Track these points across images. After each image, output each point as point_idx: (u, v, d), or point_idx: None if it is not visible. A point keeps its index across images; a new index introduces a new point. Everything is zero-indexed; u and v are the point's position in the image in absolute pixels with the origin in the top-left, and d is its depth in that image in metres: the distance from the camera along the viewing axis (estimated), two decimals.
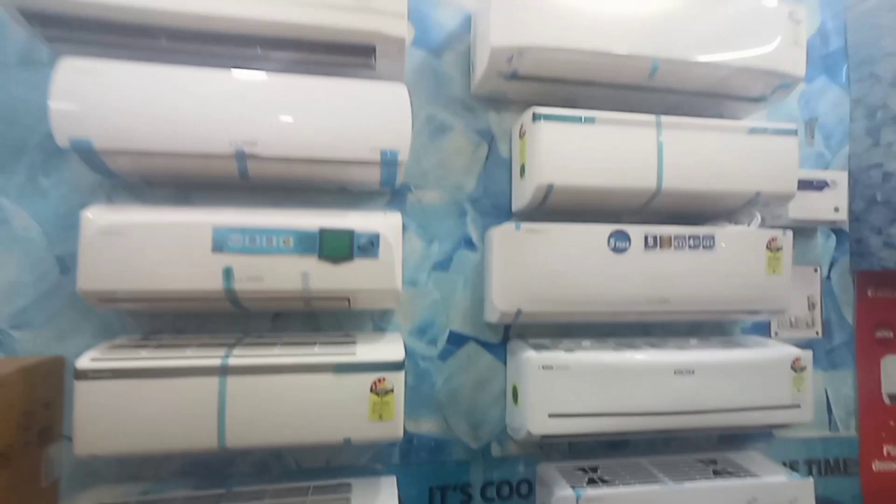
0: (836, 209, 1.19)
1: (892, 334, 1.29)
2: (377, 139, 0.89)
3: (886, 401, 1.28)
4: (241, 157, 0.85)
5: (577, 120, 0.96)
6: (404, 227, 1.06)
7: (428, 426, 1.04)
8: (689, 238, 0.99)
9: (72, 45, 0.84)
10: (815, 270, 1.26)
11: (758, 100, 1.12)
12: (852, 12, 1.31)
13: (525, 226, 0.94)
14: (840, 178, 1.20)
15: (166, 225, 0.79)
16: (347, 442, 0.84)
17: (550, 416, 0.92)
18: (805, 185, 1.17)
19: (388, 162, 0.90)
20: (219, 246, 0.81)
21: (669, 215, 1.12)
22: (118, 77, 0.80)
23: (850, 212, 1.26)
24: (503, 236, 0.95)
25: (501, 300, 0.94)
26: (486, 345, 1.08)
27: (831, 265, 1.27)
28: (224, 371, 0.79)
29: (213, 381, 0.78)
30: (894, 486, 1.25)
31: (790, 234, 1.04)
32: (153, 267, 0.78)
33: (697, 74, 1.02)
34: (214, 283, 0.81)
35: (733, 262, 1.01)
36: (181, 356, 0.79)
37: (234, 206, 0.91)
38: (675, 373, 0.97)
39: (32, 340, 0.90)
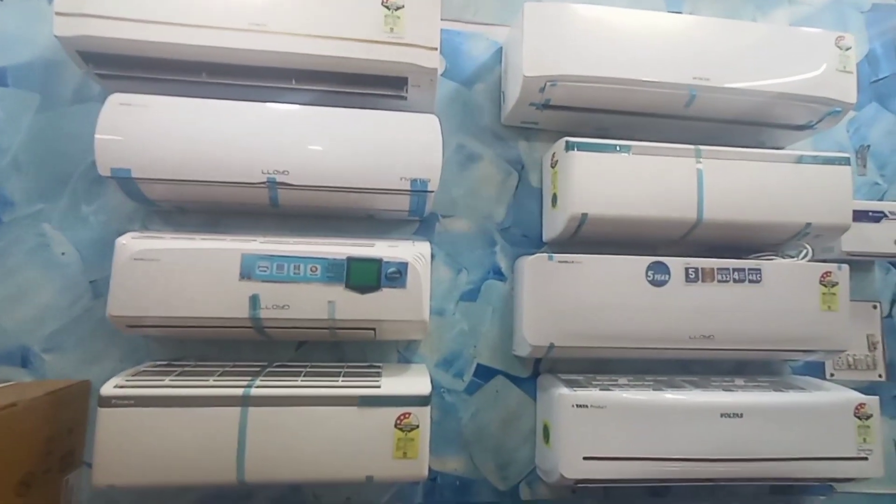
0: None
1: None
2: (407, 169, 0.89)
3: None
4: (272, 185, 0.85)
5: (612, 149, 0.93)
6: (432, 257, 1.04)
7: (453, 464, 0.99)
8: (734, 271, 0.93)
9: (120, 81, 0.88)
10: (875, 307, 1.16)
11: (803, 128, 1.06)
12: None
13: (558, 257, 0.91)
14: None
15: (196, 251, 0.80)
16: (370, 480, 0.80)
17: (585, 458, 0.86)
18: (860, 216, 1.09)
19: (418, 191, 0.90)
20: (246, 273, 0.80)
21: (709, 247, 1.06)
22: (159, 110, 0.82)
23: None
24: (535, 267, 0.91)
25: (533, 334, 0.90)
26: (514, 379, 1.03)
27: (893, 302, 1.17)
28: (246, 401, 0.77)
29: (234, 412, 0.76)
30: None
31: (846, 268, 0.97)
32: (181, 293, 0.78)
33: (737, 102, 0.98)
34: (241, 311, 0.80)
35: (783, 298, 0.94)
36: (204, 384, 0.78)
37: (263, 233, 0.91)
38: (721, 416, 0.89)
39: (61, 364, 0.91)
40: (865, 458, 0.93)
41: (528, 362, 1.04)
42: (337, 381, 0.84)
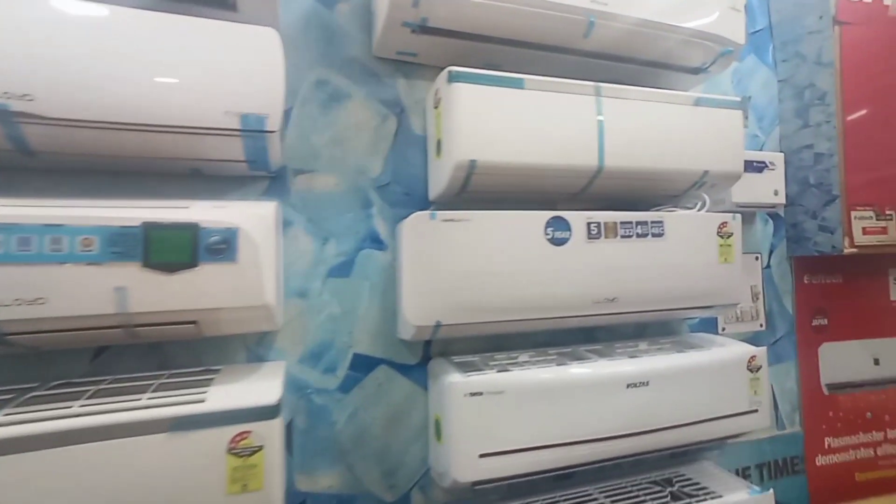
0: (776, 192, 1.11)
1: (826, 321, 1.24)
2: (235, 100, 0.65)
3: (825, 391, 1.23)
4: (6, 117, 0.56)
5: (504, 82, 0.77)
6: (288, 223, 0.81)
7: (327, 481, 0.80)
8: (638, 225, 0.84)
9: None
10: (756, 259, 1.18)
11: (697, 71, 1.00)
12: None
13: (442, 214, 0.73)
14: (777, 159, 1.12)
15: None
16: None
17: (482, 456, 0.72)
18: (745, 166, 1.08)
19: (252, 132, 0.66)
20: None
21: (607, 203, 0.97)
22: None
23: (786, 196, 1.19)
24: (415, 229, 0.73)
25: (415, 312, 0.73)
26: (401, 368, 0.86)
27: (770, 252, 1.20)
28: None
29: None
30: (838, 480, 1.20)
31: (739, 218, 0.93)
32: None
33: (636, 36, 0.87)
34: None
35: (685, 252, 0.87)
36: None
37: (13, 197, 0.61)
38: (627, 386, 0.81)
39: None
40: (756, 411, 0.92)
41: (416, 346, 0.87)
42: (140, 399, 0.59)
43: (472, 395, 0.72)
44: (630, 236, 0.83)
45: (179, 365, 0.73)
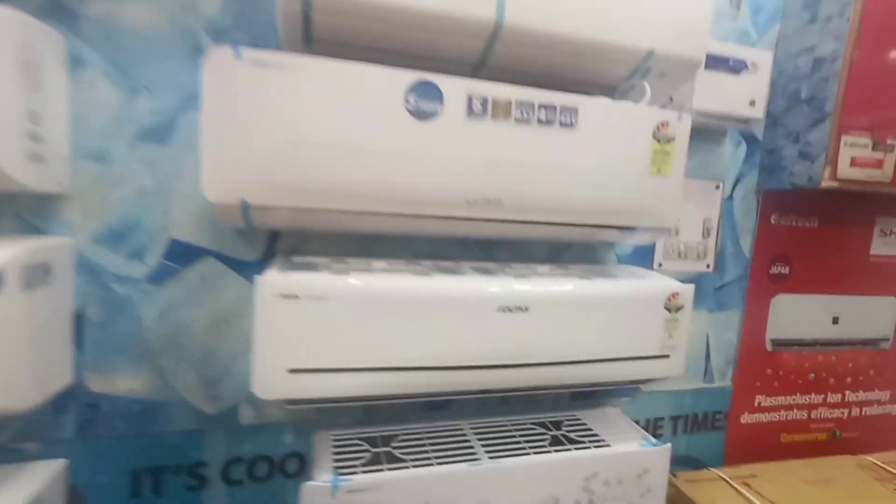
0: (753, 103, 0.89)
1: (788, 270, 1.07)
2: None
3: (768, 346, 1.08)
4: None
5: None
6: (79, 62, 0.62)
7: (128, 383, 0.68)
8: (540, 107, 0.64)
9: None
10: (717, 187, 0.98)
11: None
12: None
13: (251, 53, 0.54)
14: (763, 59, 0.89)
15: None
16: None
17: (292, 371, 0.59)
18: (718, 62, 0.85)
19: None
20: None
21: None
22: None
23: (768, 114, 0.97)
24: (215, 71, 0.54)
25: (212, 184, 0.55)
26: (235, 263, 0.71)
27: (736, 182, 1.00)
28: None
29: None
30: (759, 440, 1.10)
31: (688, 119, 0.73)
32: None
33: None
34: None
35: (603, 152, 0.68)
36: None
37: None
38: (499, 310, 0.65)
39: None
40: (667, 356, 0.77)
41: (257, 240, 0.71)
42: None
43: (285, 297, 0.57)
44: (528, 121, 0.64)
45: None
